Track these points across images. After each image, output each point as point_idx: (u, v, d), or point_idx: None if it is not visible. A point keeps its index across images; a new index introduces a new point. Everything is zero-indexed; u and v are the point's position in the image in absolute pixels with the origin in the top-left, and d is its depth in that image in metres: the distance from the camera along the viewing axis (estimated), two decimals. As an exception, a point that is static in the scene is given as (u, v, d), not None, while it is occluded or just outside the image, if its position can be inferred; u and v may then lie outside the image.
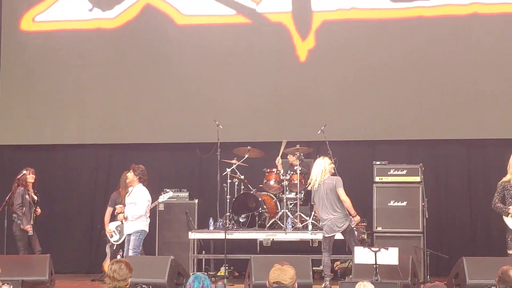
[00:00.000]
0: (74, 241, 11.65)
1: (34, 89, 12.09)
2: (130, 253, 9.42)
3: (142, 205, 9.52)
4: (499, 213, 9.22)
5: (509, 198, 9.10)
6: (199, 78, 11.82)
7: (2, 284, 6.73)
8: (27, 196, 10.08)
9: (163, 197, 10.29)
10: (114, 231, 10.33)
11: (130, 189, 9.66)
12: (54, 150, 12.12)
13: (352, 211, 9.45)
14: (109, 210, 10.49)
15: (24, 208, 10.04)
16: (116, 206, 9.85)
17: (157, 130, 11.89)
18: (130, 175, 9.61)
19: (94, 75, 12.02)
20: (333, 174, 9.65)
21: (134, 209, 9.51)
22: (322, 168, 9.51)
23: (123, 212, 9.55)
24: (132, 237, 9.50)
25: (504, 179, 9.24)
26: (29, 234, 10.04)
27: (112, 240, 10.38)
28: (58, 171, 12.01)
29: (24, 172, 10.20)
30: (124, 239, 9.76)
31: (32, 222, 10.11)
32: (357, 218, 9.54)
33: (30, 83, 12.09)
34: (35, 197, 10.25)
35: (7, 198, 10.11)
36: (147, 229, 9.63)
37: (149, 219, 9.68)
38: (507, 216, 9.10)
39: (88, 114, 11.99)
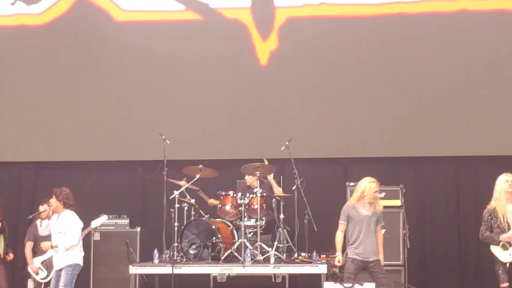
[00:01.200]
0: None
1: None
2: None
3: (74, 234, 9.37)
4: (488, 243, 9.29)
5: (496, 228, 9.20)
6: (142, 85, 11.83)
7: None
8: None
9: (96, 222, 10.00)
10: (40, 267, 10.12)
11: (54, 216, 9.53)
12: None
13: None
14: (29, 244, 10.36)
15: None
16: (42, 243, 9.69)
17: (91, 146, 11.84)
18: (53, 201, 9.46)
19: (16, 81, 11.93)
20: None
21: (65, 238, 9.34)
22: None
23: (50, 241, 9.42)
24: (63, 272, 9.32)
25: (490, 206, 9.34)
26: None
27: (38, 278, 10.21)
28: None
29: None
30: (52, 275, 9.57)
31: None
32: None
33: None
34: None
35: None
36: (81, 263, 9.48)
37: (83, 251, 9.52)
38: (498, 245, 9.21)
39: (8, 126, 11.89)
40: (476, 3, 11.39)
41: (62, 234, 9.36)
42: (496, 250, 9.22)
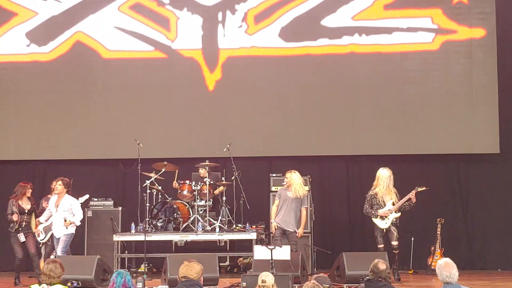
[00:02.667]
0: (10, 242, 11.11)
1: None
2: (59, 253, 9.21)
3: (80, 212, 9.48)
4: (369, 216, 9.49)
5: (375, 206, 9.40)
6: (123, 104, 11.68)
7: None
8: (13, 208, 9.76)
9: (81, 199, 9.88)
10: (41, 231, 9.91)
11: (54, 197, 9.47)
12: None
13: None
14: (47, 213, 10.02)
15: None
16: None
17: (86, 148, 11.68)
18: (60, 187, 9.44)
19: (31, 101, 11.75)
20: None
21: (75, 217, 9.43)
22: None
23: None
24: (62, 238, 9.32)
25: (371, 192, 9.55)
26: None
27: (39, 239, 9.96)
28: None
29: (20, 187, 9.90)
30: (49, 238, 9.61)
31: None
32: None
33: None
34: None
35: None
36: (74, 232, 9.53)
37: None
38: (376, 217, 9.43)
39: (25, 135, 11.72)
40: (361, 47, 11.51)
41: (68, 212, 9.32)
42: (376, 220, 9.43)
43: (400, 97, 11.32)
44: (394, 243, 9.47)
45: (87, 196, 10.02)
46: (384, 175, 9.58)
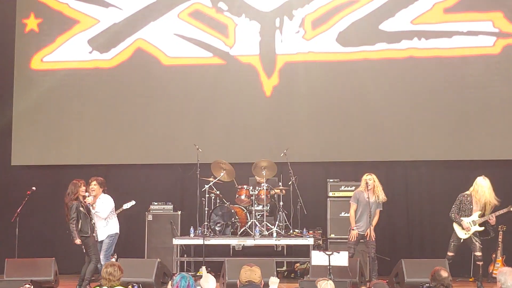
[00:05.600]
0: (76, 246, 11.38)
1: (42, 119, 11.98)
2: (102, 256, 9.23)
3: (105, 211, 9.43)
4: (452, 220, 9.23)
5: (462, 211, 9.16)
6: (182, 109, 11.74)
7: (24, 284, 6.67)
8: (81, 209, 9.32)
9: (127, 205, 10.00)
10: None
11: (91, 199, 9.40)
12: (58, 169, 11.95)
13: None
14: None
15: (80, 221, 9.24)
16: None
17: (146, 153, 11.75)
18: (97, 187, 9.47)
19: (93, 107, 11.92)
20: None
21: (100, 209, 9.45)
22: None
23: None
24: (105, 241, 9.39)
25: (461, 196, 9.30)
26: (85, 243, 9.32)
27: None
28: (62, 186, 11.45)
29: (73, 186, 9.39)
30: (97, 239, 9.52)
31: (89, 232, 9.28)
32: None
33: (38, 114, 11.97)
34: (90, 207, 9.44)
35: (18, 210, 9.96)
36: (118, 232, 9.50)
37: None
38: (459, 225, 9.18)
39: (88, 139, 11.87)
40: (420, 51, 11.37)
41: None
42: (456, 227, 9.19)
43: (460, 102, 11.14)
44: (478, 253, 9.17)
45: (133, 203, 10.07)
46: (480, 183, 9.24)
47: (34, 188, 10.24)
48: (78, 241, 9.23)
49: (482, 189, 9.16)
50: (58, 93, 11.97)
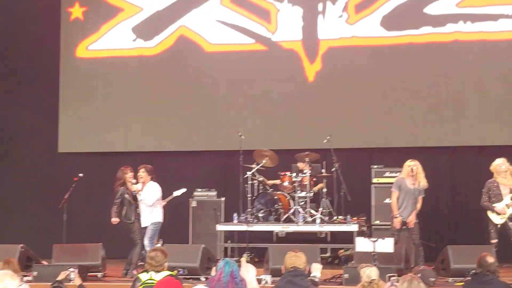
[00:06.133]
0: (123, 230, 11.51)
1: (88, 106, 12.14)
2: (146, 243, 9.32)
3: (150, 199, 9.50)
4: (487, 209, 9.17)
5: (493, 198, 9.03)
6: (225, 96, 11.76)
7: (68, 268, 6.84)
8: (126, 195, 9.44)
9: (177, 192, 9.93)
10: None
11: (139, 186, 9.51)
12: (105, 156, 12.08)
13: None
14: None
15: (125, 207, 9.42)
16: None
17: (190, 140, 11.83)
18: (145, 174, 9.51)
19: (138, 94, 12.03)
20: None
21: (144, 196, 9.52)
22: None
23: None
24: (149, 227, 9.44)
25: (488, 183, 9.21)
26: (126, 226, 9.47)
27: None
28: (108, 173, 11.57)
29: (120, 172, 9.59)
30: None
31: (133, 218, 9.42)
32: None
33: (84, 101, 12.15)
34: (136, 194, 9.49)
35: (66, 196, 10.09)
36: (162, 220, 9.55)
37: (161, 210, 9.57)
38: (492, 212, 9.06)
39: (133, 126, 11.96)
40: (465, 35, 11.23)
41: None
42: (492, 215, 9.08)
43: (507, 86, 10.96)
44: None
45: (184, 190, 10.05)
46: (498, 163, 9.17)
47: (81, 174, 10.33)
48: (114, 220, 9.39)
49: (497, 167, 9.00)
50: (103, 80, 12.12)
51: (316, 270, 6.58)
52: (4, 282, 4.15)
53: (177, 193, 9.93)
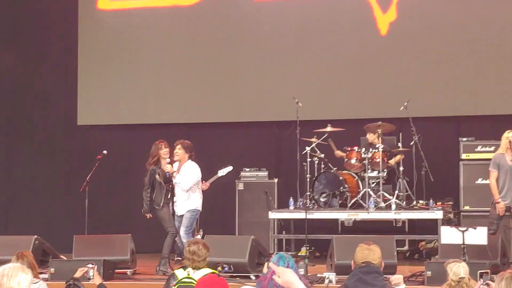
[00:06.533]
0: (155, 220, 11.63)
1: (111, 68, 12.28)
2: (183, 234, 9.50)
3: (189, 181, 9.60)
4: None
5: None
6: (277, 54, 11.78)
7: (86, 264, 6.94)
8: (157, 176, 9.51)
9: (222, 172, 10.14)
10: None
11: (176, 165, 9.68)
12: (133, 129, 12.22)
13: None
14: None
15: (155, 190, 9.52)
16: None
17: (234, 109, 11.90)
18: (181, 152, 9.63)
19: (171, 53, 12.14)
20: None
21: (182, 178, 9.60)
22: None
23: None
24: (186, 215, 9.59)
25: None
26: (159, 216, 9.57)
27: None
28: (137, 150, 11.83)
29: (154, 147, 9.62)
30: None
31: (161, 204, 9.48)
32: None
33: (107, 62, 12.28)
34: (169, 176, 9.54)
35: (87, 178, 10.17)
36: (200, 208, 9.70)
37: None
38: None
39: (165, 93, 12.12)
40: None
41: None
42: None
43: None
44: None
45: (230, 168, 10.18)
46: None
47: (105, 152, 10.42)
48: (148, 215, 9.57)
49: None
50: (130, 37, 12.27)
51: (399, 284, 6.59)
52: (17, 277, 4.20)
53: (222, 172, 10.03)
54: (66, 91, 12.47)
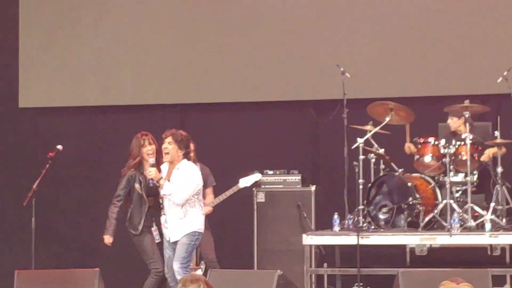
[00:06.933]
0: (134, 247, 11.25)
1: (61, 34, 12.10)
2: (177, 268, 9.04)
3: (185, 192, 9.15)
4: None
5: None
6: (308, 8, 11.54)
7: None
8: (137, 185, 9.39)
9: (246, 181, 10.05)
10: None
11: (165, 167, 9.37)
12: (99, 113, 12.10)
13: None
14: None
15: (131, 206, 9.39)
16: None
17: (246, 85, 11.71)
18: (173, 148, 9.19)
19: (166, 27, 11.95)
20: None
21: (175, 188, 9.18)
22: None
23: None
24: (182, 241, 9.11)
25: None
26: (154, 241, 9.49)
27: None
28: (107, 140, 11.92)
29: (134, 142, 9.47)
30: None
31: (140, 227, 9.32)
32: None
33: (56, 29, 12.11)
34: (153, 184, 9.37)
35: (34, 186, 9.71)
36: (201, 230, 9.29)
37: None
38: None
39: (149, 69, 11.93)
40: None
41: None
42: None
43: None
44: None
45: (257, 177, 10.18)
46: None
47: (60, 147, 10.03)
48: (107, 240, 9.43)
49: None
50: None
51: None
52: None
53: (245, 182, 9.99)
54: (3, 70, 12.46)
